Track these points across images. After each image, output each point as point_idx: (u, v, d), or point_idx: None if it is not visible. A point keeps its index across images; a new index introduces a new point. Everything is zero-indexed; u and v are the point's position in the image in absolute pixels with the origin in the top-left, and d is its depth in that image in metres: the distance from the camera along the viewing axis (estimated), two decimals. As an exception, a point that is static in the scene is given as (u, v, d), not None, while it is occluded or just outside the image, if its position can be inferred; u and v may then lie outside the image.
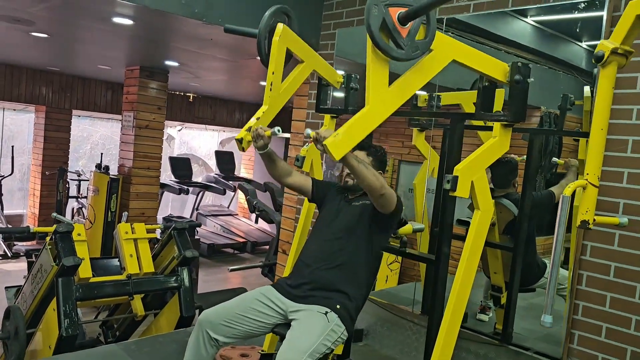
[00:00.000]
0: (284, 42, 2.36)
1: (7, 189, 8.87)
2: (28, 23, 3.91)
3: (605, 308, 2.44)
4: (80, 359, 2.85)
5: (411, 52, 1.83)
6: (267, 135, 2.17)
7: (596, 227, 2.45)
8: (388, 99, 1.91)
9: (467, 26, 3.26)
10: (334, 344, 2.10)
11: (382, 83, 1.89)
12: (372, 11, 1.71)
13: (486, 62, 2.13)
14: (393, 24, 1.76)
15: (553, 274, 1.59)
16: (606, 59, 1.54)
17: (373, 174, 2.02)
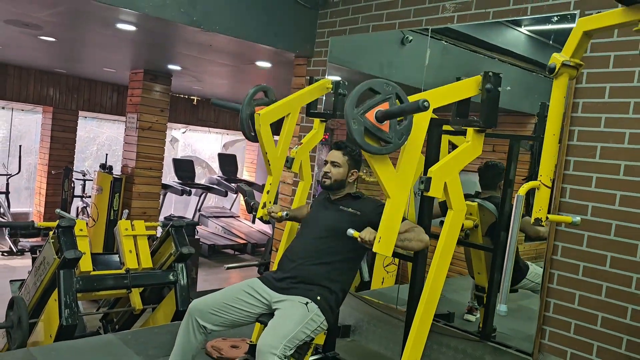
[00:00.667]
0: (266, 123, 2.63)
1: (15, 187, 9.08)
2: (36, 27, 4.09)
3: (575, 305, 2.57)
4: (79, 347, 3.00)
5: (398, 141, 1.97)
6: (279, 216, 2.63)
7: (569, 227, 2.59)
8: (401, 182, 2.05)
9: (461, 35, 3.39)
10: (314, 332, 2.24)
11: (389, 173, 2.02)
12: (353, 126, 1.85)
13: (460, 90, 2.25)
14: (374, 126, 1.90)
15: (508, 266, 1.74)
16: (557, 70, 1.69)
17: (417, 240, 2.22)
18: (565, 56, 1.68)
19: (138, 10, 3.03)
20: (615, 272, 2.43)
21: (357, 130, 1.87)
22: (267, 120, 2.63)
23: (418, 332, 2.29)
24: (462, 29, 3.28)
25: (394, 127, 1.97)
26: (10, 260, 7.26)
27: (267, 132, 2.64)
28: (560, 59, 1.69)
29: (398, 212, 2.06)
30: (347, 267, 2.41)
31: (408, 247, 2.24)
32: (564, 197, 2.61)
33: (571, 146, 2.60)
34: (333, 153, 2.57)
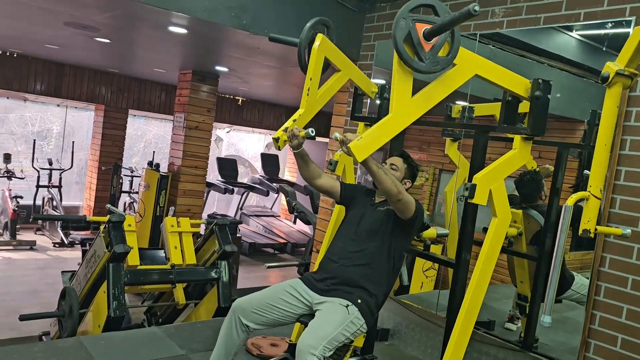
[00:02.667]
0: (322, 51, 2.55)
1: (67, 182, 9.49)
2: (93, 29, 4.27)
3: (622, 319, 2.50)
4: (125, 337, 3.12)
5: (431, 66, 1.98)
6: (302, 135, 2.35)
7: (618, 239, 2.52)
8: (411, 108, 2.07)
9: (510, 39, 3.34)
10: (353, 335, 2.26)
11: (405, 93, 2.05)
12: (400, 23, 1.87)
13: (508, 78, 2.25)
14: (418, 38, 1.91)
15: (553, 277, 1.71)
16: (611, 79, 1.65)
17: (392, 181, 2.18)
18: (620, 65, 1.65)
19: (190, 14, 3.13)
20: (667, 286, 2.36)
21: (402, 29, 1.85)
22: (324, 47, 2.53)
23: (458, 339, 2.28)
24: (511, 34, 3.23)
25: (434, 52, 1.95)
26: (62, 252, 7.58)
27: (320, 58, 2.52)
28: (614, 68, 1.66)
29: (392, 127, 2.02)
30: (388, 270, 2.42)
31: (381, 179, 2.13)
32: (614, 208, 2.55)
33: (623, 156, 2.53)
34: (395, 157, 2.59)
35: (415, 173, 2.60)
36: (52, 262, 7.02)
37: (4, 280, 6.28)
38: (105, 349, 2.87)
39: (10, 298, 5.61)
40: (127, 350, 2.92)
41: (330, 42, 2.58)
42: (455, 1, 3.34)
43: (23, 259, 7.14)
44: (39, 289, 5.90)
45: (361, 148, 1.99)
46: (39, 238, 8.05)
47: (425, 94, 2.13)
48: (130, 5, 3.17)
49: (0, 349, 2.74)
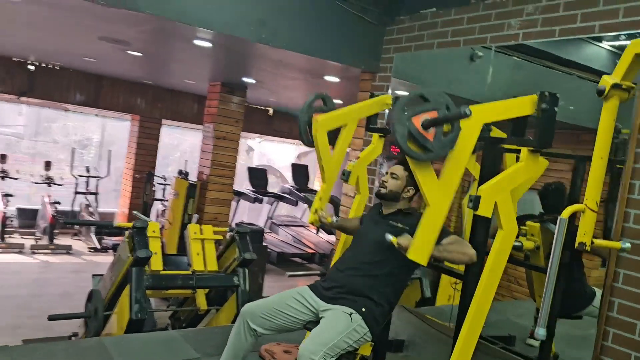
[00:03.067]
0: (323, 130, 2.66)
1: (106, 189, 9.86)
2: (125, 43, 4.47)
3: (635, 336, 2.44)
4: (144, 339, 3.23)
5: (440, 152, 1.96)
6: (329, 222, 2.70)
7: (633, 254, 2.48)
8: (443, 190, 2.07)
9: (535, 51, 3.32)
10: (357, 342, 2.29)
11: (431, 181, 2.02)
12: (398, 128, 1.87)
13: (513, 107, 2.23)
14: (418, 132, 1.91)
15: (548, 289, 1.71)
16: (607, 93, 1.66)
17: (459, 253, 2.24)
18: (616, 78, 1.65)
19: (211, 29, 3.26)
20: (681, 304, 2.30)
21: (401, 133, 1.88)
22: (324, 126, 2.64)
23: (462, 352, 2.28)
24: (537, 45, 3.20)
25: (439, 137, 1.96)
26: (96, 256, 7.86)
27: (323, 138, 2.65)
28: (610, 81, 1.66)
29: (436, 220, 2.05)
30: (394, 281, 2.44)
31: (449, 258, 2.24)
32: (627, 222, 2.50)
33: (637, 169, 2.49)
34: (395, 166, 2.62)
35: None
36: (86, 266, 7.29)
37: (40, 282, 6.57)
38: (124, 350, 2.98)
39: (45, 299, 5.86)
40: (144, 351, 3.02)
41: (327, 117, 2.67)
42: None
43: (59, 263, 7.44)
44: (72, 292, 6.13)
45: (420, 253, 2.04)
46: (76, 243, 8.37)
47: (449, 169, 2.10)
48: (156, 20, 3.32)
49: (25, 347, 2.88)
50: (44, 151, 11.00)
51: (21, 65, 7.43)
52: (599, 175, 1.71)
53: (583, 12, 2.76)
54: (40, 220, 8.43)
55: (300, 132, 2.69)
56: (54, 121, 11.35)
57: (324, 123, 2.65)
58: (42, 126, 11.25)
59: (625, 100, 1.68)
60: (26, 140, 11.12)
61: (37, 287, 6.34)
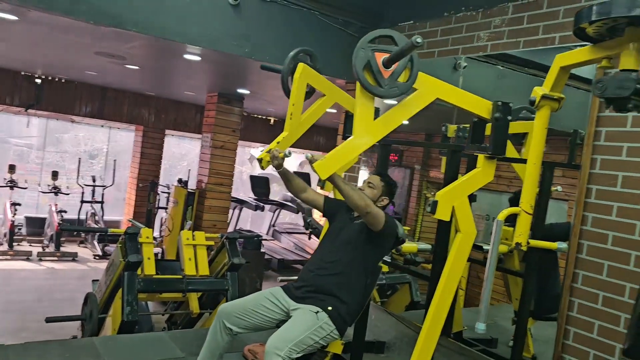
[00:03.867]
0: (304, 78, 2.74)
1: (113, 197, 10.09)
2: (120, 58, 4.68)
3: (594, 335, 2.55)
4: (133, 340, 3.39)
5: (390, 91, 2.13)
6: (280, 156, 2.56)
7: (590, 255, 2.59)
8: (372, 131, 2.24)
9: (521, 60, 3.44)
10: (324, 339, 2.42)
11: (367, 116, 2.20)
12: (359, 53, 2.02)
13: (470, 101, 2.38)
14: (377, 66, 2.07)
15: (486, 286, 1.84)
16: (538, 103, 1.79)
17: (359, 195, 2.35)
18: (545, 89, 1.78)
19: (196, 45, 3.44)
20: (633, 303, 2.40)
21: (361, 58, 1.98)
22: (306, 75, 2.69)
23: (422, 350, 2.40)
24: (523, 55, 3.30)
25: (393, 78, 2.07)
26: (100, 263, 8.05)
27: (302, 86, 2.68)
28: (540, 92, 1.79)
29: (354, 148, 2.14)
30: (361, 280, 2.57)
31: (349, 193, 2.32)
32: (585, 225, 2.62)
33: (593, 174, 2.60)
34: (373, 176, 2.76)
35: (393, 190, 2.75)
36: (90, 273, 7.48)
37: (47, 288, 6.77)
38: (113, 350, 3.14)
39: (51, 305, 6.05)
40: (133, 351, 3.17)
41: (312, 70, 2.77)
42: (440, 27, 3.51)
43: (65, 269, 7.65)
44: (75, 297, 6.28)
45: (324, 167, 2.17)
46: (82, 250, 8.59)
47: (386, 117, 2.29)
48: (144, 37, 3.50)
49: (20, 346, 3.05)
50: (54, 161, 11.28)
51: (29, 78, 7.70)
52: (534, 180, 1.83)
53: (545, 25, 2.89)
54: (47, 229, 8.67)
55: (283, 81, 2.71)
56: (64, 132, 11.64)
57: (307, 72, 2.70)
58: (53, 137, 11.53)
59: (555, 109, 1.81)
60: (37, 150, 11.41)
61: (43, 292, 6.54)
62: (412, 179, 5.37)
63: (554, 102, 1.79)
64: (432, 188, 5.12)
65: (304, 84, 2.76)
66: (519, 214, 1.83)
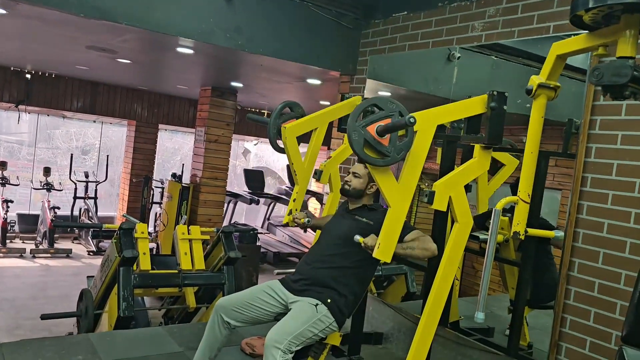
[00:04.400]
0: (293, 137, 2.85)
1: (107, 193, 10.02)
2: (112, 52, 4.63)
3: (590, 323, 2.57)
4: (130, 335, 3.38)
5: (397, 156, 2.07)
6: (302, 222, 2.85)
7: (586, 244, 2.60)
8: (402, 192, 2.19)
9: (515, 50, 3.43)
10: (323, 332, 2.43)
11: (390, 184, 2.14)
12: (353, 137, 1.99)
13: (465, 107, 2.35)
14: (374, 139, 2.02)
15: (485, 275, 1.84)
16: (535, 92, 1.78)
17: (420, 249, 2.39)
18: (542, 78, 1.78)
19: (188, 38, 3.40)
20: (629, 290, 2.41)
21: (357, 141, 2.00)
22: (293, 133, 2.83)
23: (421, 339, 2.41)
24: (517, 45, 3.29)
25: (394, 142, 2.08)
26: (95, 259, 8.01)
27: (293, 144, 2.84)
28: (537, 81, 1.79)
29: (398, 220, 2.18)
30: (358, 273, 2.57)
31: (412, 255, 2.39)
32: (581, 214, 2.63)
33: (588, 163, 2.61)
34: (357, 165, 2.76)
35: None
36: (85, 269, 7.44)
37: (41, 285, 6.73)
38: (109, 345, 3.13)
39: (45, 302, 6.02)
40: (129, 346, 3.17)
41: (296, 125, 2.85)
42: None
43: (59, 266, 7.60)
44: (70, 294, 6.27)
45: (385, 252, 2.16)
46: (76, 247, 8.54)
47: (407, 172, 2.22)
48: (136, 30, 3.46)
49: (16, 343, 3.03)
50: (45, 158, 11.19)
51: (18, 74, 7.62)
52: (531, 170, 1.83)
53: (539, 14, 2.88)
54: (40, 225, 8.61)
55: (270, 139, 2.87)
56: (56, 128, 11.54)
57: (292, 130, 2.83)
58: (45, 133, 11.43)
59: (552, 98, 1.81)
60: (28, 147, 11.31)
61: (37, 290, 6.51)
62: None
63: (550, 91, 1.79)
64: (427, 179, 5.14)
65: (294, 141, 2.88)
66: (516, 203, 1.82)
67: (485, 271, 1.86)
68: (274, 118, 2.85)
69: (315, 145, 3.04)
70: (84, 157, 11.87)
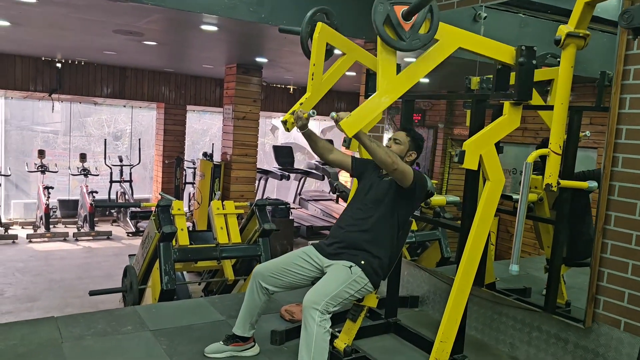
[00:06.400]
0: (323, 38, 2.74)
1: (141, 177, 10.26)
2: (138, 35, 4.70)
3: (628, 275, 2.55)
4: (174, 306, 3.51)
5: (412, 43, 2.12)
6: (305, 117, 2.59)
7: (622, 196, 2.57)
8: (395, 86, 2.24)
9: (543, 6, 3.36)
10: (359, 292, 2.48)
11: (390, 71, 2.21)
12: (378, 8, 2.01)
13: (492, 47, 2.35)
14: (397, 19, 2.05)
15: (518, 229, 1.86)
16: (563, 41, 1.76)
17: (385, 152, 2.37)
18: (570, 27, 1.76)
19: (212, 14, 3.43)
20: (668, 240, 2.39)
21: (381, 13, 1.98)
22: (324, 34, 2.69)
23: (457, 298, 2.45)
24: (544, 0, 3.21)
25: (414, 31, 2.06)
26: (134, 240, 8.28)
27: (321, 45, 2.70)
28: (565, 30, 1.76)
29: (379, 104, 2.16)
30: (392, 234, 2.61)
31: (374, 150, 2.34)
32: (616, 167, 2.58)
33: (622, 114, 2.55)
34: (398, 132, 2.78)
35: (420, 144, 2.76)
36: (125, 249, 7.71)
37: (85, 266, 7.01)
38: (155, 316, 3.27)
39: (90, 281, 6.28)
40: (174, 316, 3.30)
41: (330, 29, 2.76)
42: (463, -24, 3.42)
43: (100, 248, 7.89)
44: (113, 273, 6.54)
45: (350, 124, 2.19)
46: (115, 229, 8.83)
47: (409, 71, 2.28)
48: (161, 10, 3.51)
49: (69, 316, 3.19)
50: (80, 145, 11.50)
51: (50, 63, 7.82)
52: (561, 121, 1.82)
53: (566, -36, 2.80)
54: (80, 210, 8.91)
55: (302, 42, 2.72)
56: (88, 115, 11.81)
57: (326, 32, 2.70)
58: (77, 121, 11.72)
59: (581, 47, 1.78)
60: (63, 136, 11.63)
61: (82, 270, 6.79)
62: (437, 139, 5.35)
63: (579, 40, 1.76)
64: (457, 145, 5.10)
65: (324, 43, 2.76)
66: (548, 155, 1.82)
67: (519, 224, 1.87)
68: (307, 20, 2.69)
69: (337, 68, 2.92)
70: (116, 143, 12.14)
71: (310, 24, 2.74)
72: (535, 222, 3.49)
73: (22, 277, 6.40)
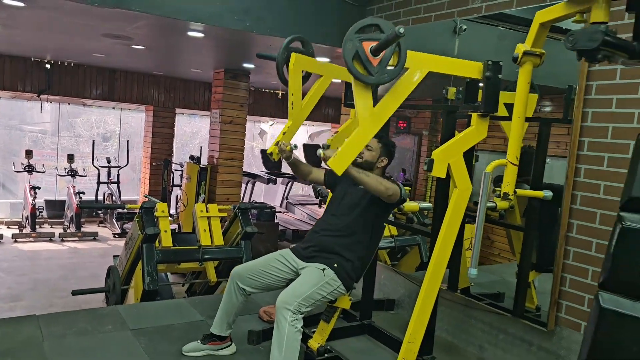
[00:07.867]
0: (299, 67, 2.85)
1: (129, 178, 10.29)
2: (127, 39, 4.79)
3: (588, 281, 2.68)
4: (155, 306, 3.59)
5: (380, 78, 2.12)
6: (288, 149, 2.75)
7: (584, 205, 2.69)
8: (375, 117, 2.29)
9: (522, 20, 3.49)
10: (331, 294, 2.58)
11: (367, 105, 2.22)
12: (347, 45, 2.05)
13: (461, 66, 2.45)
14: (365, 55, 2.09)
15: (477, 234, 1.97)
16: (520, 59, 1.88)
17: (376, 180, 2.49)
18: (527, 46, 1.88)
19: (198, 22, 3.53)
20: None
21: (349, 50, 2.04)
22: (300, 62, 2.79)
23: (424, 300, 2.55)
24: (519, 14, 3.33)
25: (382, 65, 2.11)
26: (120, 241, 8.32)
27: (297, 74, 2.81)
28: (522, 49, 1.88)
29: (360, 141, 2.20)
30: (365, 239, 2.71)
31: (365, 181, 2.47)
32: (578, 177, 2.72)
33: (585, 127, 2.69)
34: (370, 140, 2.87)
35: (392, 150, 2.86)
36: (111, 250, 7.75)
37: (70, 266, 7.05)
38: (136, 315, 3.35)
39: (75, 282, 6.33)
40: (154, 316, 3.38)
41: (305, 57, 2.86)
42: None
43: (86, 248, 7.93)
44: (98, 274, 6.56)
45: (338, 164, 2.23)
46: (101, 230, 8.87)
47: (385, 102, 2.31)
48: (148, 16, 3.60)
49: (51, 315, 3.26)
50: (68, 146, 11.52)
51: (39, 64, 7.86)
52: (519, 133, 1.94)
53: (536, -17, 2.94)
54: (67, 210, 8.94)
55: (278, 70, 2.83)
56: (77, 116, 11.84)
57: (300, 60, 2.81)
58: (66, 122, 11.75)
59: (537, 65, 1.90)
60: (51, 136, 11.65)
61: (67, 270, 6.83)
62: (421, 145, 5.47)
63: (535, 58, 1.88)
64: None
65: (299, 72, 2.87)
66: (505, 166, 1.93)
67: (478, 229, 1.99)
68: (284, 47, 2.80)
69: (316, 91, 3.02)
70: (105, 144, 12.18)
71: (285, 53, 2.84)
72: (507, 229, 3.62)
73: (6, 277, 6.43)
